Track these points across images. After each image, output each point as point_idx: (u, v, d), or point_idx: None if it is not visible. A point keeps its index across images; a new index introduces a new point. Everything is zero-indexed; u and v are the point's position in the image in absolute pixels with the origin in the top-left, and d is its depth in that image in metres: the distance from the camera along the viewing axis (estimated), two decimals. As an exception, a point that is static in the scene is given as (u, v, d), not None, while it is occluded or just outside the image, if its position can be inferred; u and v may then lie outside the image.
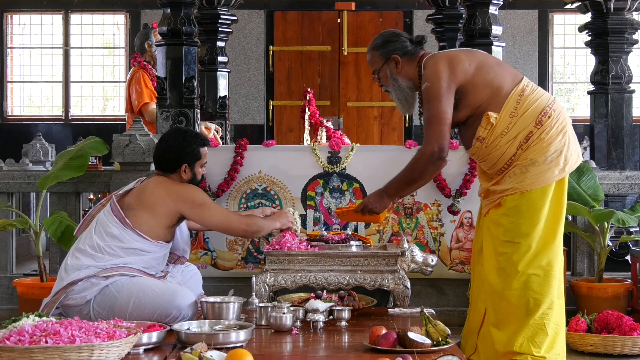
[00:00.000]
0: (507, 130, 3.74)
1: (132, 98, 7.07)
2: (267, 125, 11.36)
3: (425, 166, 3.76)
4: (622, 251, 6.11)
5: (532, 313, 3.73)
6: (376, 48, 3.95)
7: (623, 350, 4.77)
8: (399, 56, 3.90)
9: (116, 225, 3.90)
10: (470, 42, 5.91)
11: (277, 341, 3.55)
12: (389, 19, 11.44)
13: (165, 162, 4.10)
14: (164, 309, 3.73)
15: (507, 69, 3.90)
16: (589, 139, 6.99)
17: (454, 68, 3.77)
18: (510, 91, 3.77)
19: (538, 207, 3.73)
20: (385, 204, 3.94)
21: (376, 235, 5.27)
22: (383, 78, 3.97)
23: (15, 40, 11.90)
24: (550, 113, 3.75)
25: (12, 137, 11.29)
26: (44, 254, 5.76)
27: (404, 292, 4.22)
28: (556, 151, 3.73)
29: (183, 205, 3.97)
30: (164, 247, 4.03)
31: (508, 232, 3.75)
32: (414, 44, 3.93)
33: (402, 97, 3.95)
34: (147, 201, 3.95)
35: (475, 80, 3.77)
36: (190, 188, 4.07)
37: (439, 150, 3.71)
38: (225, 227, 4.14)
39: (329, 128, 5.80)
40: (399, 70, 3.91)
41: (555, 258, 3.81)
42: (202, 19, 7.02)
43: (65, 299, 3.82)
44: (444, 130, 3.71)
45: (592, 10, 6.57)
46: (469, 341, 3.93)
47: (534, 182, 3.72)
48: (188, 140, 4.11)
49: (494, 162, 3.81)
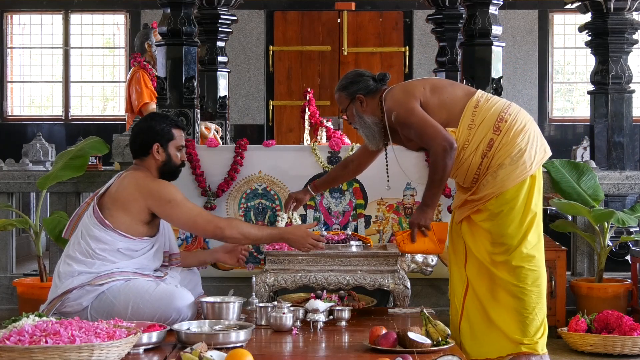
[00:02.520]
0: (467, 143, 3.88)
1: (132, 98, 7.07)
2: (267, 125, 11.36)
3: (444, 162, 3.84)
4: (622, 251, 6.11)
5: (523, 303, 3.85)
6: (342, 89, 4.09)
7: (623, 350, 4.78)
8: (363, 95, 4.03)
9: (97, 227, 3.82)
10: (470, 42, 5.91)
11: (277, 341, 3.55)
12: (389, 19, 11.44)
13: (136, 144, 4.00)
14: (163, 312, 3.71)
15: (460, 87, 4.11)
16: (589, 139, 6.99)
17: (412, 91, 3.96)
18: (464, 105, 3.91)
19: (513, 205, 3.85)
20: (429, 214, 3.97)
21: (376, 235, 5.27)
22: (350, 116, 4.10)
23: (15, 40, 11.90)
24: (505, 117, 3.88)
25: (12, 137, 11.29)
26: (44, 254, 5.76)
27: (404, 292, 4.22)
28: (520, 150, 3.85)
29: (151, 201, 3.84)
30: (151, 242, 3.94)
31: (493, 235, 3.89)
32: (377, 82, 4.06)
33: (368, 133, 4.08)
34: (120, 199, 3.86)
35: (432, 102, 3.92)
36: (161, 184, 3.92)
37: (447, 142, 3.81)
38: (192, 226, 3.92)
39: (329, 128, 5.80)
40: (364, 108, 4.04)
41: (539, 248, 3.93)
42: (202, 19, 7.02)
43: (61, 307, 3.77)
44: (436, 127, 3.83)
45: (592, 10, 6.57)
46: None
47: (504, 184, 3.85)
48: (157, 119, 4.03)
49: (465, 175, 3.95)
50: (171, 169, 4.02)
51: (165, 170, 4.01)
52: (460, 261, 4.04)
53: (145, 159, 4.00)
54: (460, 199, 4.03)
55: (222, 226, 3.90)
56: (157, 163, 3.99)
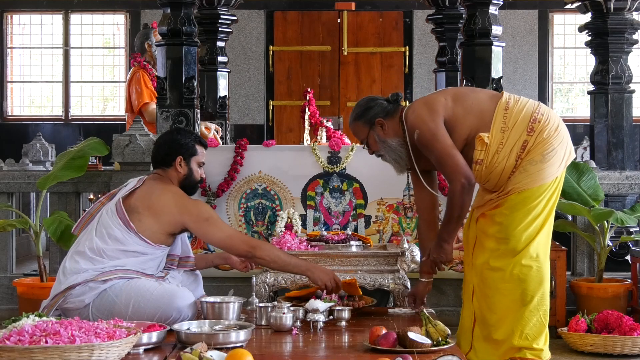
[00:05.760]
0: (501, 146, 3.80)
1: (132, 98, 7.07)
2: (267, 125, 11.36)
3: (462, 200, 3.79)
4: (622, 251, 6.12)
5: (527, 305, 3.80)
6: (358, 118, 3.96)
7: (623, 350, 4.78)
8: (383, 118, 3.92)
9: (120, 228, 3.86)
10: (470, 42, 5.91)
11: (277, 341, 3.55)
12: (389, 19, 11.44)
13: (160, 155, 4.06)
14: (164, 312, 3.72)
15: (483, 91, 4.04)
16: (589, 139, 6.99)
17: (434, 106, 3.84)
18: (493, 109, 3.84)
19: (534, 205, 3.79)
20: (448, 250, 3.94)
21: (376, 235, 5.27)
22: (372, 144, 3.97)
23: (15, 40, 11.90)
24: (539, 118, 3.83)
25: (12, 137, 11.29)
26: (44, 254, 5.76)
27: (404, 292, 4.22)
28: (553, 149, 3.80)
29: (188, 217, 3.91)
30: (164, 250, 4.00)
31: (503, 229, 3.82)
32: (391, 103, 3.96)
33: (395, 157, 3.96)
34: (154, 207, 3.90)
35: (456, 112, 3.83)
36: (198, 202, 4.03)
37: (466, 180, 3.75)
38: (226, 245, 4.02)
39: (329, 128, 5.80)
40: (386, 131, 3.92)
41: (545, 251, 3.88)
42: (202, 19, 7.02)
43: (63, 303, 3.79)
44: (458, 161, 3.76)
45: (592, 10, 6.57)
46: (463, 340, 3.96)
47: (531, 181, 3.78)
48: (182, 133, 4.12)
49: (497, 179, 3.86)
50: (191, 183, 4.09)
51: (186, 184, 4.07)
52: (469, 262, 3.99)
53: (168, 170, 4.06)
54: (484, 198, 3.95)
55: (255, 246, 3.98)
56: (178, 176, 4.05)
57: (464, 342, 3.95)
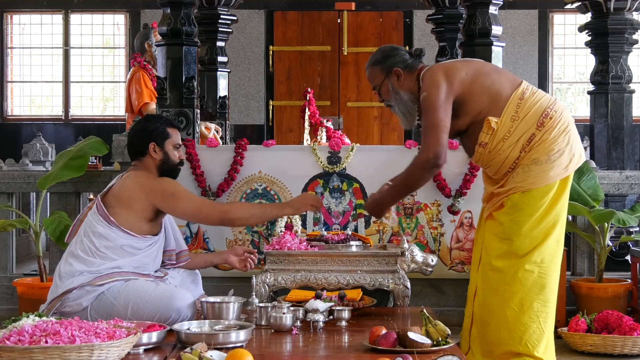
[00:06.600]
0: (509, 135, 3.74)
1: (132, 98, 7.07)
2: (267, 125, 11.36)
3: (421, 173, 3.75)
4: (622, 251, 6.12)
5: (526, 311, 3.73)
6: (376, 63, 3.93)
7: (623, 350, 4.78)
8: (401, 69, 3.89)
9: (101, 224, 3.86)
10: (470, 42, 5.91)
11: (277, 341, 3.55)
12: (389, 19, 11.44)
13: (133, 146, 4.05)
14: (163, 313, 3.71)
15: (505, 75, 3.92)
16: (589, 139, 6.99)
17: (451, 78, 3.77)
18: (509, 96, 3.78)
19: (538, 205, 3.73)
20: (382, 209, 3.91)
21: (376, 235, 5.27)
22: (384, 93, 3.94)
23: (15, 40, 11.90)
24: (551, 114, 3.76)
25: (12, 137, 11.30)
26: (44, 254, 5.76)
27: (404, 292, 4.22)
28: (559, 151, 3.73)
29: (154, 197, 3.89)
30: (153, 241, 3.96)
31: (506, 230, 3.76)
32: (413, 57, 3.93)
33: (404, 110, 3.92)
34: (123, 197, 3.90)
35: (473, 88, 3.78)
36: (163, 180, 3.98)
37: (435, 157, 3.68)
38: (197, 216, 4.00)
39: (329, 128, 5.80)
40: (401, 83, 3.89)
41: (553, 257, 3.79)
42: (202, 19, 7.02)
43: (61, 307, 3.79)
44: (441, 138, 3.69)
45: (592, 10, 6.57)
46: (463, 340, 3.94)
47: (536, 181, 3.73)
48: (151, 120, 4.11)
49: (499, 167, 3.81)
50: (170, 167, 4.05)
51: (165, 168, 4.04)
52: (476, 262, 3.93)
53: (144, 159, 4.04)
54: (487, 191, 3.91)
55: (227, 210, 3.99)
56: (155, 162, 4.03)
57: (464, 343, 3.94)
